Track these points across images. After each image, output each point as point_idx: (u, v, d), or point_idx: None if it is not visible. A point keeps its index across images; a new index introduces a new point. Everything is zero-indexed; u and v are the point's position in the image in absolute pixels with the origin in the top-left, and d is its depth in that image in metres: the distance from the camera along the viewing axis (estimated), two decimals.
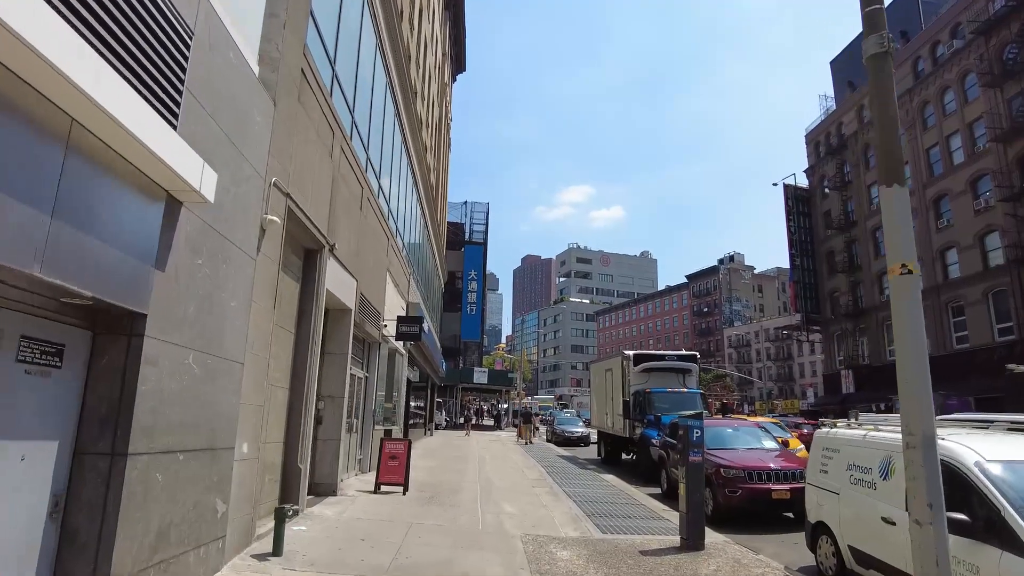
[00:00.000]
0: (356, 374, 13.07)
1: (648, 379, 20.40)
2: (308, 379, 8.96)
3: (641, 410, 19.02)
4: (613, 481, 15.66)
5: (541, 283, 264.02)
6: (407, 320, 14.72)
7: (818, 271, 51.81)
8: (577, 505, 11.41)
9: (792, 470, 10.73)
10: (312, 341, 9.08)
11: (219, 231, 5.81)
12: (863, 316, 45.83)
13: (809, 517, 7.75)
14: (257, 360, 6.88)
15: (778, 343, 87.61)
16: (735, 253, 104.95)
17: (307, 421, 8.91)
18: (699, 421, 8.67)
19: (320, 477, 10.78)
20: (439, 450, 22.65)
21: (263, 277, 7.00)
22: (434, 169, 30.55)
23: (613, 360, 22.57)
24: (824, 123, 52.44)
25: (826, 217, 51.18)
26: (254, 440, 6.93)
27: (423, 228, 26.19)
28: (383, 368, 15.79)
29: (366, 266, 12.57)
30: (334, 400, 11.04)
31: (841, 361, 49.42)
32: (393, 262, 16.22)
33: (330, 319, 11.27)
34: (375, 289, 13.68)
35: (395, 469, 11.35)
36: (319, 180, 8.99)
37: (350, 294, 11.29)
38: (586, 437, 31.52)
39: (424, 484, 12.93)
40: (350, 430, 12.81)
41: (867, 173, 45.99)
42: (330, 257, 9.76)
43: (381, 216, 14.24)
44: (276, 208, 7.28)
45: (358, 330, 12.68)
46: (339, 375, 11.13)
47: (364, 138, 12.76)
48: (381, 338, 14.63)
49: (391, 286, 16.00)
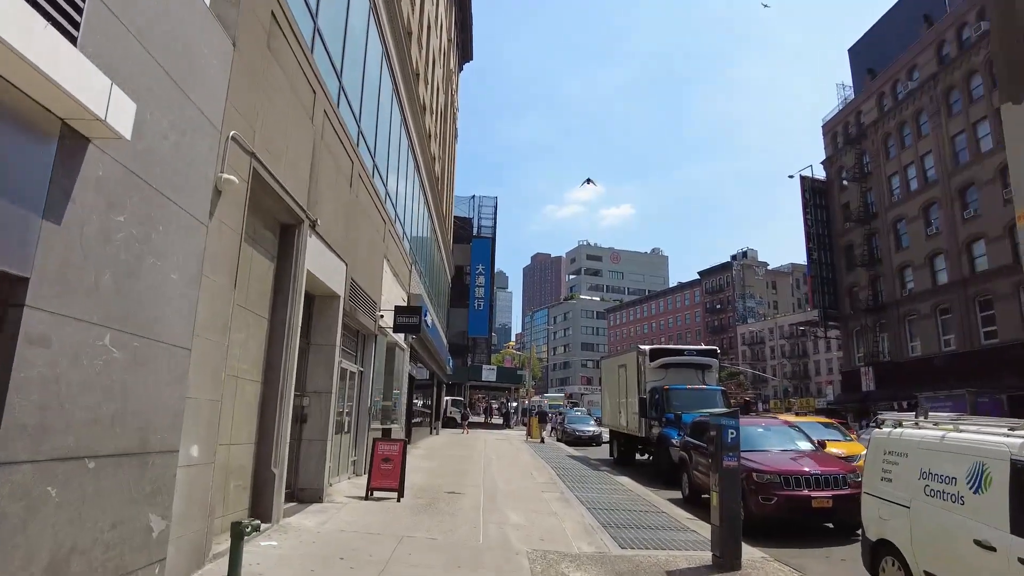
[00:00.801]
0: (348, 368, 11.98)
1: (665, 375, 19.20)
2: (285, 371, 7.85)
3: (658, 408, 17.82)
4: (629, 484, 14.48)
5: (551, 281, 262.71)
6: (406, 311, 13.62)
7: (836, 265, 50.25)
8: (591, 513, 10.25)
9: (833, 475, 9.51)
10: (290, 328, 7.98)
11: (152, 184, 4.70)
12: (884, 311, 44.29)
13: (868, 533, 6.55)
14: (211, 346, 5.78)
15: (792, 340, 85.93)
16: (748, 249, 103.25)
17: (284, 419, 7.81)
18: (734, 420, 7.49)
19: (304, 482, 9.69)
20: (443, 450, 21.56)
21: (220, 248, 5.89)
22: (439, 158, 29.45)
23: (627, 356, 21.37)
24: (842, 112, 50.83)
25: (844, 209, 49.63)
26: (209, 441, 5.83)
27: (427, 218, 25.09)
28: (380, 362, 14.69)
29: (358, 250, 11.46)
30: (320, 396, 9.94)
31: (860, 358, 47.89)
32: (392, 249, 15.12)
33: (316, 306, 10.19)
34: (369, 276, 12.58)
35: (389, 473, 10.23)
36: (296, 145, 7.88)
37: (338, 279, 10.18)
38: (598, 436, 30.34)
39: (422, 488, 11.81)
40: (341, 430, 11.72)
41: (888, 163, 44.45)
42: (311, 234, 8.65)
43: (377, 198, 13.13)
44: (237, 168, 6.17)
45: (349, 319, 11.58)
46: (326, 368, 10.04)
47: (355, 110, 11.65)
48: (377, 330, 13.53)
49: (389, 275, 14.90)
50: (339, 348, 10.52)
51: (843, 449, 13.44)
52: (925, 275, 40.11)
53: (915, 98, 41.54)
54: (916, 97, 41.43)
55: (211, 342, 5.77)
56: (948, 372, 36.47)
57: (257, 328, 7.55)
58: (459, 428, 37.61)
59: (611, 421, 23.06)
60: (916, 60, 42.20)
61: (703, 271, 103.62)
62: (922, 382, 38.54)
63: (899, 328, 42.87)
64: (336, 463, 11.51)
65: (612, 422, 22.86)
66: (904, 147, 42.85)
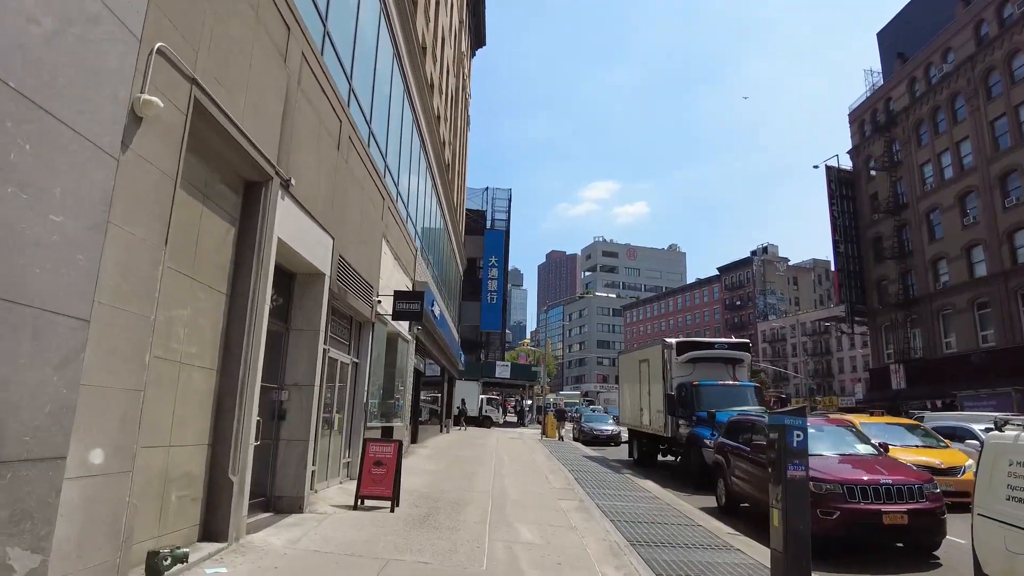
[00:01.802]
0: (338, 358, 10.62)
1: (693, 371, 17.68)
2: (248, 358, 6.48)
3: (687, 406, 16.32)
4: (654, 490, 13.00)
5: (566, 279, 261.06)
6: (406, 296, 12.23)
7: (864, 258, 48.21)
8: (616, 527, 8.79)
9: (908, 484, 7.95)
10: (254, 305, 6.60)
11: (20, 90, 3.34)
12: (915, 306, 42.26)
13: (986, 568, 5.04)
14: (127, 320, 4.41)
15: (815, 337, 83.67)
16: (769, 244, 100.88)
17: (247, 416, 6.44)
18: (800, 420, 5.99)
19: (283, 489, 8.33)
20: (451, 450, 20.18)
21: (139, 192, 4.52)
22: (449, 144, 28.07)
23: (651, 349, 19.84)
24: (870, 99, 48.74)
25: (872, 200, 47.61)
26: (125, 442, 4.46)
27: (436, 205, 23.72)
28: (380, 354, 13.33)
29: (348, 224, 10.09)
30: (302, 390, 8.58)
31: (890, 355, 45.85)
32: (392, 230, 13.74)
33: (297, 286, 8.83)
34: (364, 256, 11.21)
35: (381, 478, 8.85)
36: (261, 84, 6.50)
37: (322, 254, 8.81)
38: (616, 436, 28.82)
39: (422, 495, 10.42)
40: (330, 428, 10.35)
41: (919, 150, 42.39)
42: (284, 196, 7.28)
43: (374, 170, 11.75)
44: (169, 94, 4.80)
45: (339, 303, 10.21)
46: (309, 357, 8.67)
47: (346, 66, 10.28)
48: (375, 317, 12.16)
49: (389, 258, 13.53)
50: (324, 334, 9.16)
51: (939, 458, 11.26)
52: (961, 267, 38.07)
53: (950, 81, 39.47)
54: (951, 80, 39.35)
55: (127, 314, 4.40)
56: (987, 369, 34.47)
57: (211, 304, 6.18)
58: (494, 427, 36.47)
59: (631, 420, 21.57)
60: (951, 42, 40.11)
61: (722, 267, 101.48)
62: (958, 380, 36.56)
63: (932, 323, 40.83)
64: (324, 466, 10.16)
65: (632, 421, 21.37)
66: (938, 133, 40.79)
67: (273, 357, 8.41)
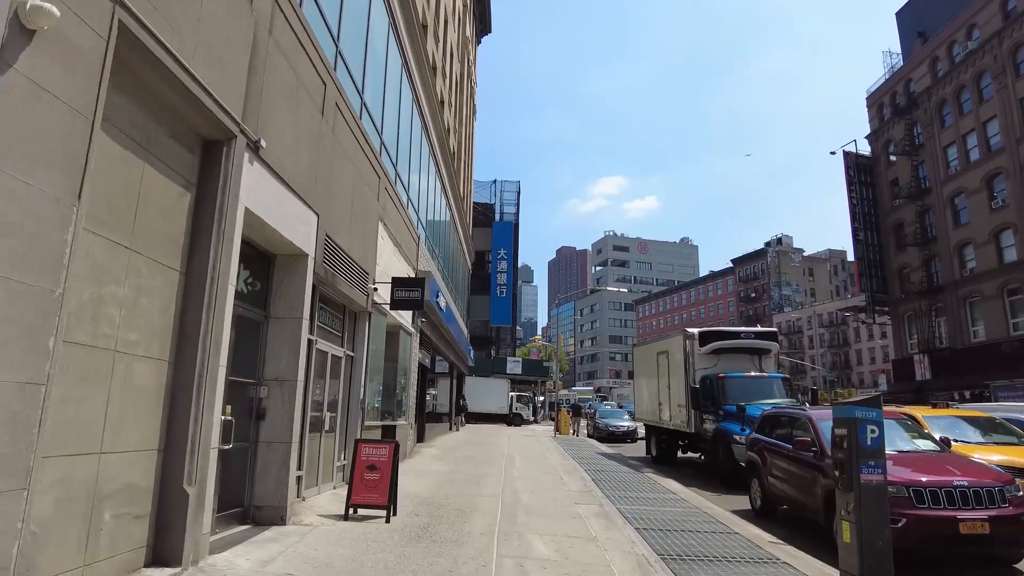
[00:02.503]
0: (329, 351, 9.61)
1: (717, 362, 16.55)
2: (207, 347, 5.48)
3: (712, 400, 15.22)
4: (679, 491, 11.92)
5: (576, 274, 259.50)
6: (405, 283, 11.20)
7: (884, 246, 46.68)
8: (641, 536, 7.73)
9: (986, 487, 6.80)
10: (215, 286, 5.59)
11: None
12: (940, 294, 40.74)
13: None
14: (15, 294, 3.40)
15: (832, 329, 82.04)
16: (783, 235, 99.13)
17: (206, 414, 5.44)
18: (875, 411, 4.89)
19: (262, 497, 7.34)
20: (460, 449, 19.16)
21: (33, 127, 3.51)
22: (454, 131, 27.04)
23: (670, 340, 18.72)
24: (889, 82, 47.15)
25: (893, 186, 46.04)
26: (14, 453, 3.45)
27: (441, 194, 22.70)
28: (378, 347, 12.32)
29: (337, 201, 9.07)
30: (283, 385, 7.57)
31: (913, 345, 44.35)
32: (391, 213, 12.72)
33: (276, 269, 7.84)
34: (357, 238, 10.19)
35: (375, 484, 7.83)
36: (217, 25, 5.47)
37: (305, 232, 7.79)
38: (633, 432, 27.74)
39: (424, 501, 9.39)
40: (320, 428, 9.35)
41: (943, 132, 40.82)
42: (253, 160, 6.26)
43: (367, 145, 10.73)
44: (80, 8, 3.78)
45: (328, 289, 9.20)
46: (291, 348, 7.66)
47: (332, 26, 9.26)
48: (372, 307, 11.15)
49: (388, 243, 12.51)
50: (312, 323, 8.17)
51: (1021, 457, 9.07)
52: (989, 253, 36.54)
53: (975, 59, 37.88)
54: (977, 58, 37.77)
55: (16, 286, 3.39)
56: (1019, 358, 33.01)
57: (159, 282, 5.18)
58: (530, 425, 35.17)
59: (648, 415, 20.46)
60: (975, 18, 38.52)
61: (736, 259, 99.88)
62: (987, 370, 35.14)
63: (958, 311, 39.32)
64: (314, 471, 9.16)
65: (650, 416, 20.27)
66: (962, 114, 39.21)
67: (250, 349, 7.43)
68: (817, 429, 8.44)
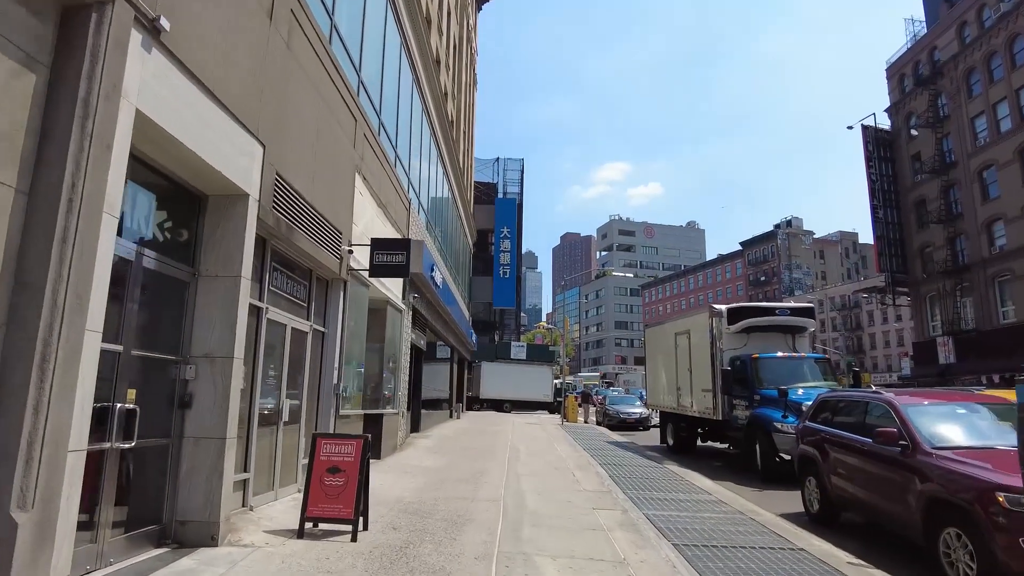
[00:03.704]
0: (289, 324, 7.81)
1: (747, 341, 14.77)
2: (58, 300, 3.69)
3: (744, 383, 13.46)
4: (713, 489, 10.15)
5: (581, 261, 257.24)
6: (387, 245, 9.38)
7: (905, 224, 44.61)
8: (683, 558, 5.95)
9: None
10: (73, 211, 3.79)
11: None
12: (966, 273, 38.72)
13: None
14: None
15: (844, 312, 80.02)
16: (793, 217, 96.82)
17: (57, 401, 3.66)
18: None
19: (187, 510, 5.58)
20: (458, 440, 17.41)
21: None
22: (452, 97, 25.10)
23: (692, 319, 16.91)
24: (912, 50, 44.83)
25: (914, 161, 43.88)
26: None
27: (438, 163, 20.82)
28: (359, 323, 10.53)
29: (293, 133, 7.24)
30: (215, 363, 5.79)
31: (936, 327, 42.40)
32: (372, 166, 10.88)
33: (208, 213, 6.03)
34: (324, 186, 8.36)
35: (338, 491, 6.06)
36: None
37: (245, 166, 5.97)
38: (646, 419, 26.01)
39: (407, 508, 7.62)
40: (277, 419, 7.57)
41: (971, 102, 38.60)
42: (151, 46, 4.43)
43: (339, 77, 8.86)
44: None
45: (284, 246, 7.39)
46: (225, 316, 5.87)
47: None
48: (347, 274, 9.35)
49: (368, 201, 10.69)
50: (251, 282, 6.37)
51: None
52: (1021, 229, 34.49)
53: (1008, 22, 35.61)
54: (1010, 21, 35.50)
55: None
56: None
57: None
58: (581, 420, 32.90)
59: (665, 401, 18.71)
60: None
61: (745, 241, 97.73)
62: (1018, 352, 33.20)
63: (986, 291, 37.33)
64: (268, 472, 7.39)
65: (666, 402, 18.51)
66: (993, 82, 36.99)
67: (171, 316, 5.65)
68: (905, 418, 6.63)
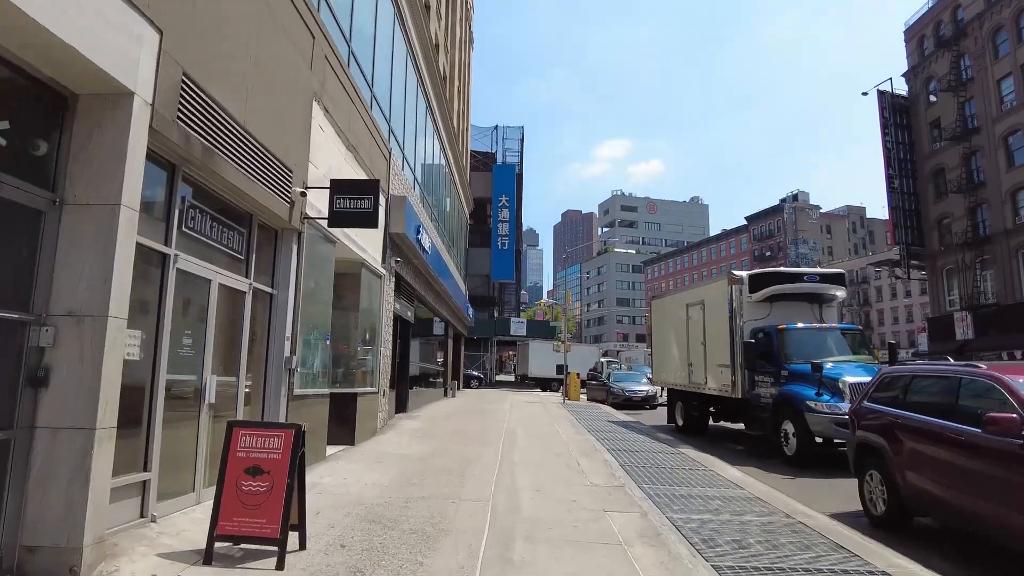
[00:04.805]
0: (214, 279, 6.11)
1: (770, 311, 13.13)
2: None
3: (770, 357, 11.86)
4: (742, 481, 8.56)
5: (583, 239, 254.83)
6: (348, 187, 7.67)
7: (921, 194, 42.71)
8: None
9: None
10: None
11: None
12: (987, 245, 36.92)
13: None
14: None
15: (853, 287, 78.19)
16: (799, 191, 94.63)
17: None
18: None
19: (38, 531, 3.97)
20: (449, 421, 15.82)
21: None
22: (446, 51, 23.15)
23: (707, 288, 15.27)
24: (933, 10, 42.51)
25: (933, 128, 41.82)
26: None
27: (427, 117, 18.98)
28: (323, 286, 8.85)
29: (212, 27, 5.49)
30: (83, 325, 4.14)
31: (952, 301, 40.72)
32: (337, 97, 9.12)
33: (77, 120, 4.32)
34: (262, 106, 6.63)
35: (260, 500, 4.43)
36: None
37: (128, 53, 4.24)
38: (652, 397, 24.52)
39: (367, 513, 6.01)
40: (197, 402, 5.91)
41: (997, 63, 36.46)
42: None
43: None
44: None
45: (202, 174, 5.67)
46: (98, 259, 4.20)
47: None
48: (302, 222, 7.66)
49: (332, 140, 8.95)
50: (133, 212, 4.68)
51: None
52: None
53: None
54: None
55: None
56: None
57: None
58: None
59: (674, 378, 17.15)
60: None
61: (750, 216, 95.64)
62: None
63: (1009, 264, 35.58)
64: (185, 470, 5.75)
65: (676, 379, 16.96)
66: (1021, 41, 34.89)
67: (18, 260, 4.00)
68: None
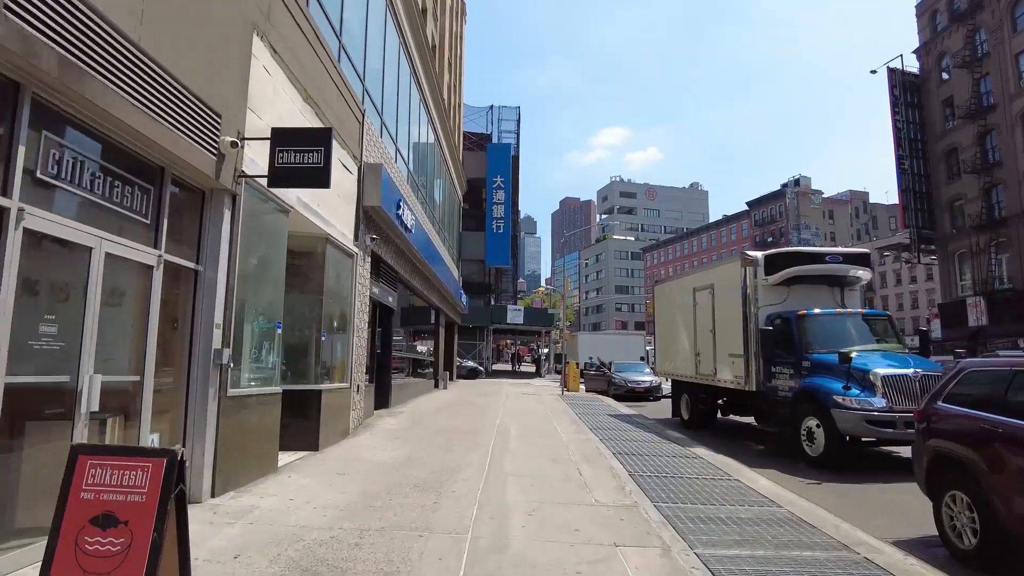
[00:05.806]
0: (97, 246, 4.62)
1: (787, 295, 11.73)
2: None
3: (788, 346, 10.51)
4: (777, 495, 7.15)
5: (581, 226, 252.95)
6: (293, 137, 6.16)
7: (933, 175, 41.21)
8: None
9: None
10: None
11: None
12: (1002, 228, 35.49)
13: None
14: None
15: None
16: (801, 176, 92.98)
17: None
18: None
19: None
20: (436, 417, 14.33)
21: None
22: (435, 16, 21.52)
23: (717, 270, 13.84)
24: None
25: (946, 106, 40.25)
26: None
27: (413, 84, 17.42)
28: (269, 259, 7.36)
29: None
30: None
31: (965, 286, 39.34)
32: (285, 31, 7.59)
33: None
34: (172, 32, 5.12)
35: (112, 564, 2.97)
36: None
37: None
38: (656, 388, 23.13)
39: (304, 555, 4.57)
40: (71, 411, 4.46)
41: (1015, 37, 34.83)
42: None
43: None
44: None
45: (66, 103, 4.16)
46: None
47: None
48: (236, 180, 6.17)
49: (280, 82, 7.43)
50: None
51: None
52: None
53: None
54: None
55: None
56: None
57: None
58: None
59: (679, 368, 15.81)
60: None
61: (751, 201, 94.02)
62: None
63: None
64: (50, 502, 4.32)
65: (681, 370, 15.61)
66: None
67: None
68: None
